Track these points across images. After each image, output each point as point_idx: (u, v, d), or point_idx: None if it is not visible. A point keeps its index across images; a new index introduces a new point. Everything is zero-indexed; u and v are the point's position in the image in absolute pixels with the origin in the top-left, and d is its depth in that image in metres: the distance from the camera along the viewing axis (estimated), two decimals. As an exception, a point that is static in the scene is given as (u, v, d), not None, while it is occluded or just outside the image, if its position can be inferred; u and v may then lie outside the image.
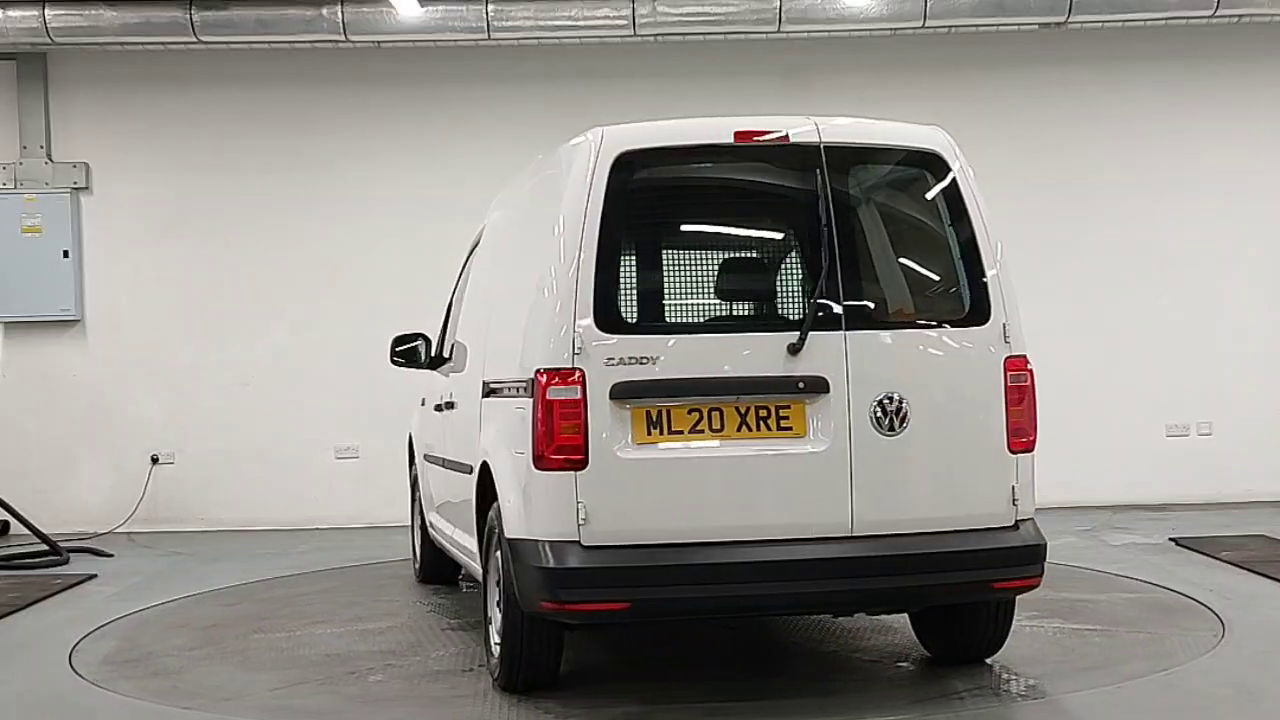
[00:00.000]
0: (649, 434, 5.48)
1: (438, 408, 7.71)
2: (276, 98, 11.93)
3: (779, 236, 6.10)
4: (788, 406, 5.56)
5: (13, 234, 11.72)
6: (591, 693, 5.98)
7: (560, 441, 5.41)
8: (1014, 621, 6.22)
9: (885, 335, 5.71)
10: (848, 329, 5.59)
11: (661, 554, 5.42)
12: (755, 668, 6.52)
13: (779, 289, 6.02)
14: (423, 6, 10.82)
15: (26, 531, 10.55)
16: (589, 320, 5.46)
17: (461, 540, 7.08)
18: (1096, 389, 11.41)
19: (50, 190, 11.78)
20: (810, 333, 5.55)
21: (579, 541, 5.39)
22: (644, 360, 5.47)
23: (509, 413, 5.81)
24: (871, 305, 5.77)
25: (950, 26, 11.13)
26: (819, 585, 5.54)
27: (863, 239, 5.85)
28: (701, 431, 5.51)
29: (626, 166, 5.60)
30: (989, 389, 5.72)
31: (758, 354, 5.58)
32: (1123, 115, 11.32)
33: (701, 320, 5.94)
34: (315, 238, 11.87)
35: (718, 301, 5.97)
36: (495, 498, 5.93)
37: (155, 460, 11.81)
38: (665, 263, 5.98)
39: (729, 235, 6.21)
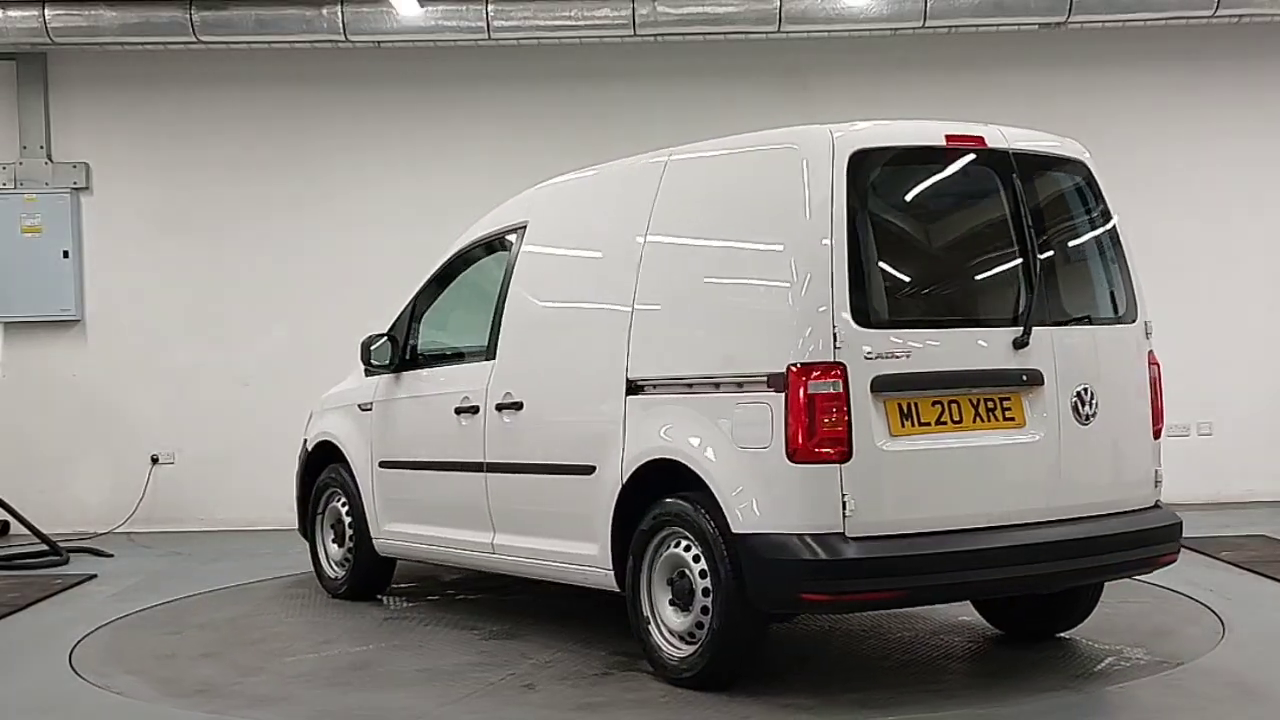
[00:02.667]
0: (902, 426, 5.67)
1: (421, 408, 7.68)
2: (276, 98, 11.93)
3: (991, 236, 6.20)
4: (1009, 398, 5.93)
5: (13, 234, 11.72)
6: (763, 688, 6.00)
7: (823, 435, 5.50)
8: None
9: (1077, 331, 6.14)
10: (1052, 325, 6.01)
11: (923, 543, 5.61)
12: (898, 661, 6.63)
13: (997, 286, 6.21)
14: (423, 6, 10.82)
15: (26, 531, 10.55)
16: (847, 315, 5.58)
17: (528, 545, 6.94)
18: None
19: (50, 190, 11.78)
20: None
21: (843, 533, 5.50)
22: (897, 354, 5.66)
23: (722, 408, 5.82)
24: (1066, 303, 6.16)
25: (950, 26, 11.13)
26: (1054, 566, 5.89)
27: (1049, 240, 6.21)
28: (945, 423, 5.77)
29: (860, 165, 5.77)
30: (1140, 381, 6.34)
31: (988, 348, 5.90)
32: (1123, 115, 11.31)
33: (939, 316, 6.04)
34: (315, 237, 11.87)
35: (950, 297, 6.18)
36: (654, 498, 6.08)
37: (155, 460, 11.81)
38: (902, 259, 6.05)
39: (952, 234, 6.32)
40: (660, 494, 6.10)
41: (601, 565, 6.44)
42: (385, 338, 8.01)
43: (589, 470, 6.46)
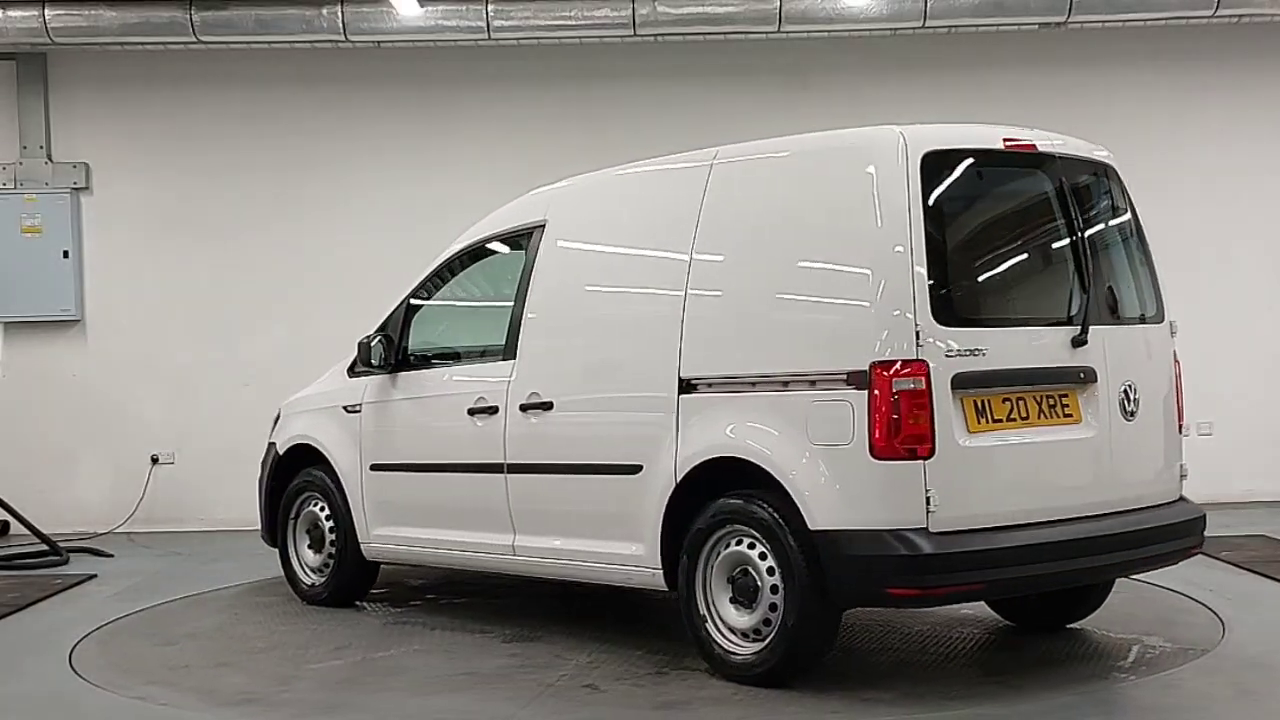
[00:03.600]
0: (978, 422, 5.79)
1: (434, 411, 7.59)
2: (276, 98, 11.93)
3: (1047, 237, 6.35)
4: (1067, 395, 6.12)
5: (13, 234, 11.72)
6: (828, 683, 6.07)
7: (907, 431, 5.59)
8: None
9: (1120, 330, 6.36)
10: (1102, 324, 6.22)
11: (999, 537, 5.74)
12: (974, 656, 6.70)
13: (1055, 285, 6.39)
14: (422, 6, 10.82)
15: (26, 531, 10.56)
16: (928, 314, 5.67)
17: (557, 546, 6.91)
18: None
19: (50, 190, 11.78)
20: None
21: (926, 528, 5.59)
22: (974, 352, 5.78)
23: (794, 406, 5.87)
24: (1111, 303, 6.37)
25: (950, 26, 11.13)
26: (1109, 558, 6.12)
27: (1094, 242, 6.39)
28: (1014, 420, 5.93)
29: (931, 166, 5.88)
30: (1169, 379, 6.62)
31: (1050, 346, 6.07)
32: (1123, 115, 11.31)
33: (1007, 315, 6.16)
34: (315, 237, 11.87)
35: (1014, 296, 6.31)
36: (708, 497, 6.12)
37: (155, 460, 11.81)
38: (970, 259, 6.14)
39: (1011, 235, 6.38)
40: (714, 493, 6.15)
41: (648, 565, 6.45)
42: (380, 337, 7.88)
43: (634, 470, 6.46)
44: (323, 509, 8.29)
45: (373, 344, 7.89)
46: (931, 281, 5.71)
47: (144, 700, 6.31)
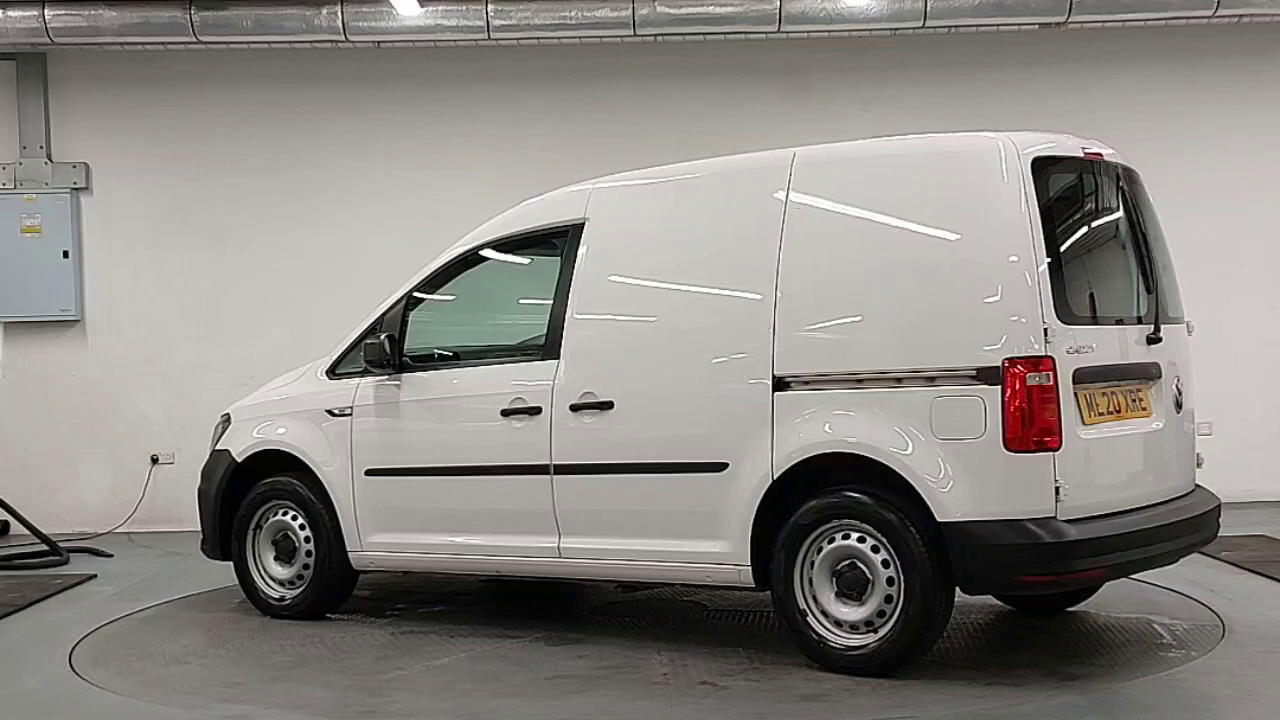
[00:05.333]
0: (1090, 416, 6.12)
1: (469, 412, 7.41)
2: (276, 98, 11.93)
3: (1120, 240, 6.74)
4: (1141, 390, 6.52)
5: (13, 234, 11.72)
6: (941, 671, 6.28)
7: (1040, 424, 5.87)
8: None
9: (1171, 329, 6.75)
10: (1166, 323, 6.68)
11: (1113, 523, 6.07)
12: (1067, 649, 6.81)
13: (1129, 286, 6.74)
14: (422, 6, 10.82)
15: (26, 531, 10.56)
16: (1051, 312, 5.94)
17: (617, 547, 6.88)
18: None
19: (50, 190, 11.78)
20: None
21: (1055, 516, 5.88)
22: (1086, 349, 6.10)
23: (913, 401, 6.05)
24: (1164, 302, 6.79)
25: (950, 26, 11.12)
26: (1176, 543, 6.47)
27: (1149, 244, 6.81)
28: (1111, 413, 6.29)
29: (1039, 171, 6.16)
30: (1190, 374, 6.93)
31: (1132, 344, 6.48)
32: (1123, 115, 11.30)
33: (1103, 313, 6.37)
34: (315, 237, 11.87)
35: (1105, 296, 6.48)
36: (802, 493, 6.27)
37: (155, 460, 11.81)
38: (1075, 260, 6.35)
39: (1096, 237, 6.63)
40: (807, 490, 6.28)
41: (732, 562, 6.50)
42: (386, 337, 7.63)
43: (719, 468, 6.51)
44: (294, 517, 7.96)
45: (379, 344, 7.61)
46: (1053, 281, 5.98)
47: (144, 700, 6.31)
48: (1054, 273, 6.00)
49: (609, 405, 6.86)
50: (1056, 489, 5.88)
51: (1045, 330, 5.90)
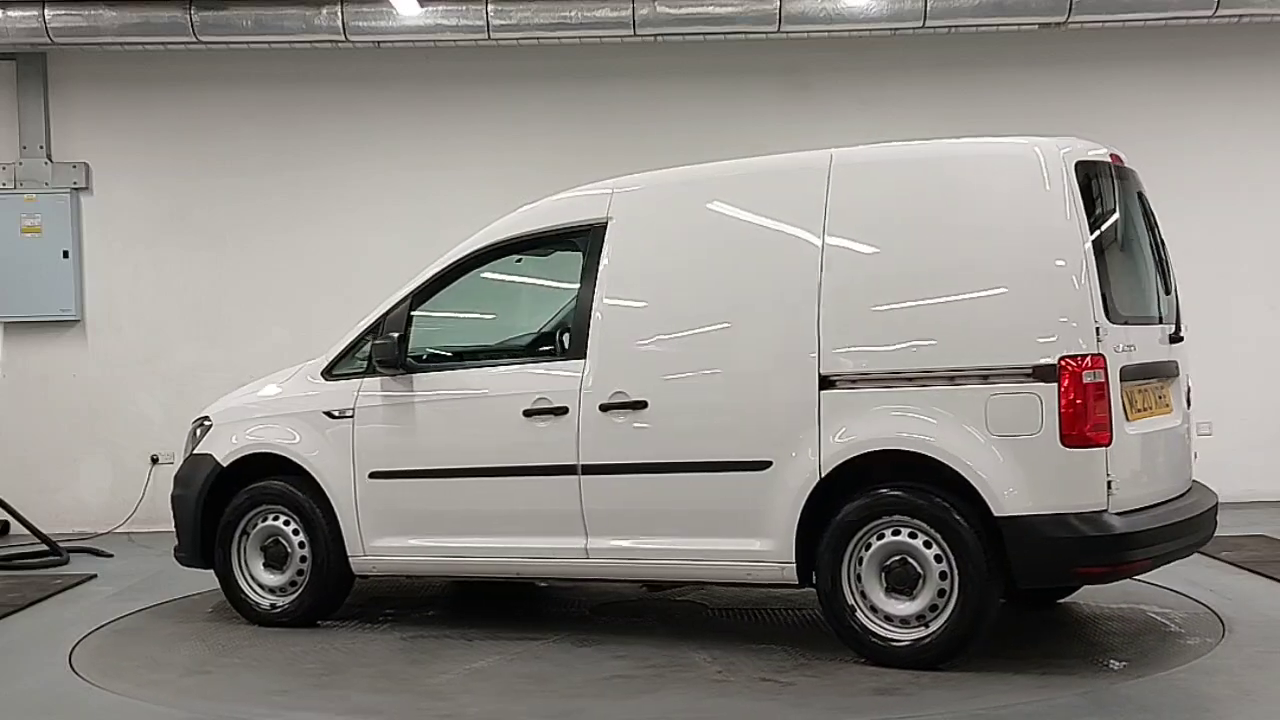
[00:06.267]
0: (1132, 412, 6.33)
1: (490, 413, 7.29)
2: (276, 98, 11.93)
3: (1142, 242, 6.89)
4: (1164, 387, 6.76)
5: (13, 234, 11.72)
6: (984, 661, 6.37)
7: (1094, 420, 6.06)
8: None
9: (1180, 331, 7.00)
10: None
11: (1155, 515, 6.32)
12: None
13: (1151, 286, 6.91)
14: (422, 6, 10.82)
15: (26, 531, 10.56)
16: (1101, 312, 6.15)
17: (650, 547, 6.87)
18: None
19: (50, 190, 11.78)
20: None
21: (1107, 509, 6.08)
22: (1129, 347, 6.32)
23: (967, 399, 6.19)
24: (1176, 303, 7.05)
25: (950, 26, 11.12)
26: (1205, 533, 6.77)
27: (1163, 246, 7.05)
28: (1146, 410, 6.50)
29: (1080, 175, 6.35)
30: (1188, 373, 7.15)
31: (1159, 343, 6.73)
32: (1123, 115, 11.30)
33: (1138, 313, 6.62)
34: (315, 237, 11.87)
35: (1136, 296, 6.71)
36: (846, 491, 6.37)
37: (155, 460, 11.80)
38: (1115, 261, 6.53)
39: (1126, 239, 6.74)
40: (852, 488, 6.39)
41: (775, 560, 6.57)
42: (395, 337, 7.47)
43: (762, 466, 6.56)
44: (287, 523, 7.74)
45: (391, 343, 7.44)
46: (1101, 281, 6.18)
47: (144, 700, 6.31)
48: (1101, 273, 6.19)
49: (642, 405, 6.85)
50: (1108, 483, 6.06)
51: (1097, 329, 6.08)
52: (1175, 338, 6.88)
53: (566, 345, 7.16)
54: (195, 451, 8.15)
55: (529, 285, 8.10)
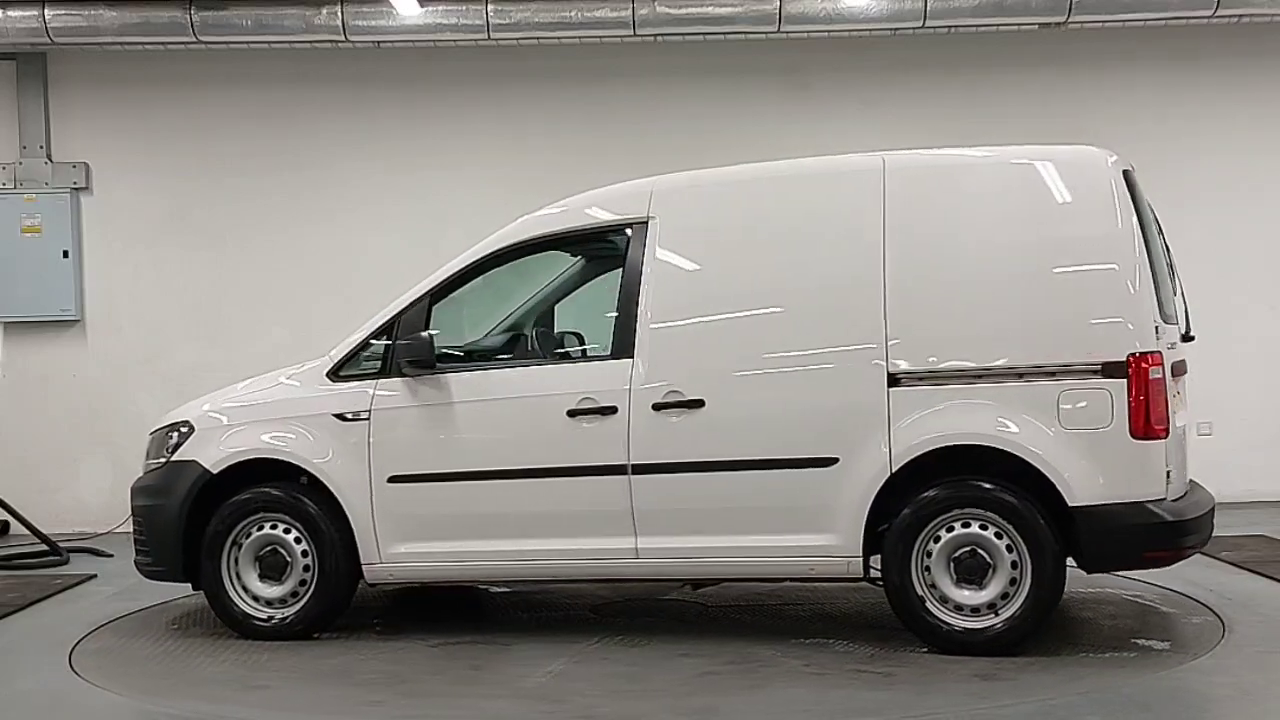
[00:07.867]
0: (1175, 407, 6.66)
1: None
2: (276, 98, 11.93)
3: (1158, 245, 7.06)
4: (1180, 386, 6.99)
5: (13, 234, 11.72)
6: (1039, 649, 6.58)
7: (1156, 414, 6.43)
8: None
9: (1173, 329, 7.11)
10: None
11: (1194, 503, 6.76)
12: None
13: (1165, 288, 7.04)
14: (422, 6, 10.82)
15: (26, 531, 10.56)
16: (1156, 311, 6.57)
17: (707, 545, 6.88)
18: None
19: (50, 190, 11.78)
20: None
21: (1165, 498, 6.48)
22: (1172, 346, 6.77)
23: (1037, 394, 6.50)
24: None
25: (950, 26, 11.13)
26: (1212, 530, 6.98)
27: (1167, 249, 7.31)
28: (1177, 406, 6.81)
29: (1127, 180, 6.74)
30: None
31: (1176, 342, 6.97)
32: (1123, 115, 11.31)
33: (1169, 315, 6.89)
34: (315, 237, 11.86)
35: (1165, 298, 6.90)
36: (912, 486, 6.58)
37: (155, 460, 11.79)
38: (1154, 264, 6.80)
39: (1149, 243, 6.86)
40: (915, 483, 6.61)
41: (841, 554, 6.73)
42: (427, 336, 7.26)
43: (828, 463, 6.71)
44: (289, 531, 7.39)
45: (424, 342, 7.23)
46: (1155, 282, 6.60)
47: (144, 700, 6.31)
48: (1153, 274, 6.60)
49: (699, 404, 6.87)
50: (1168, 473, 6.45)
51: (1156, 328, 6.48)
52: (1185, 337, 7.14)
53: (612, 345, 7.10)
54: (176, 458, 7.63)
55: (565, 284, 8.09)
